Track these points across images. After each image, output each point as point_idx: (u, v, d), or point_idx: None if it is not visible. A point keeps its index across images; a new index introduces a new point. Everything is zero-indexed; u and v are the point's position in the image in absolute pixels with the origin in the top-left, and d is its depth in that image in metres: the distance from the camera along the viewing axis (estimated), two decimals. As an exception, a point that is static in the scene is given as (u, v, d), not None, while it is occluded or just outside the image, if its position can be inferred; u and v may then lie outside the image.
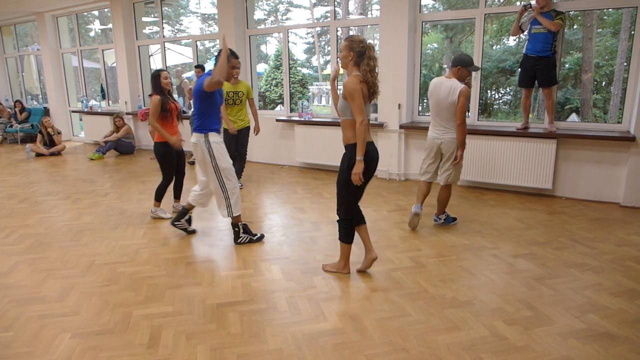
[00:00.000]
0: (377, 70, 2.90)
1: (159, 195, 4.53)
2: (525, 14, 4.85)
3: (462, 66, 3.74)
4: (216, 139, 3.62)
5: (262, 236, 3.88)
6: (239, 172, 5.45)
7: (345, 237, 3.11)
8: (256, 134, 5.60)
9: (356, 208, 3.10)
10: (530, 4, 4.80)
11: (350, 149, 2.91)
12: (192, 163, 6.96)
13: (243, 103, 5.37)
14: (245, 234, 3.80)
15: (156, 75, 4.26)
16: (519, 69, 5.16)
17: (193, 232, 4.07)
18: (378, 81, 2.91)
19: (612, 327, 2.45)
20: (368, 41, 2.88)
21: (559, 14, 4.64)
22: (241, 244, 3.76)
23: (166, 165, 4.43)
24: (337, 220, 3.11)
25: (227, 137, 5.11)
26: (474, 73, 4.52)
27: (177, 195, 4.74)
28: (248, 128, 5.50)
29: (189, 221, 4.03)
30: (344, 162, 2.96)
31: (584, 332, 2.41)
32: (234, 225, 3.78)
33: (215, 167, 3.58)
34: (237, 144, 5.40)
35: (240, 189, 5.10)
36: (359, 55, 2.84)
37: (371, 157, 2.95)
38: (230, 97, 5.22)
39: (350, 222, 3.07)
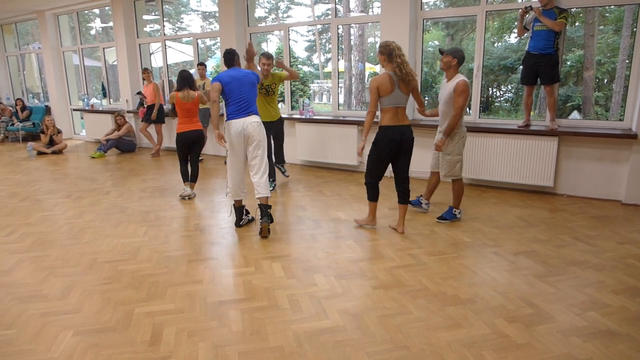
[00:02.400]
0: (405, 64, 3.57)
1: (183, 177, 5.23)
2: (527, 15, 4.82)
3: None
4: None
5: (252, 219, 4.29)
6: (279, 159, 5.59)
7: (370, 196, 3.92)
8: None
9: (397, 181, 3.86)
10: (530, 6, 4.78)
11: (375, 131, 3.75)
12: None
13: (276, 95, 5.26)
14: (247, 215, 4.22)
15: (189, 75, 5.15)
16: (521, 67, 5.14)
17: (252, 219, 4.31)
18: (410, 70, 3.59)
19: (613, 325, 2.45)
20: (393, 43, 3.61)
21: (562, 12, 4.60)
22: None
23: (178, 152, 5.20)
24: (364, 183, 3.93)
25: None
26: (475, 70, 4.73)
27: (193, 179, 5.29)
28: (276, 121, 5.30)
29: (246, 212, 4.25)
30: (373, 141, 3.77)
31: (586, 330, 2.41)
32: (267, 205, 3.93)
33: (267, 145, 4.07)
34: (274, 137, 5.31)
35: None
36: (389, 56, 3.59)
37: (391, 138, 3.66)
38: (263, 89, 5.10)
39: (371, 184, 3.87)
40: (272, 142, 5.28)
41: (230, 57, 4.08)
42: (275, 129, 5.27)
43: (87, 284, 3.04)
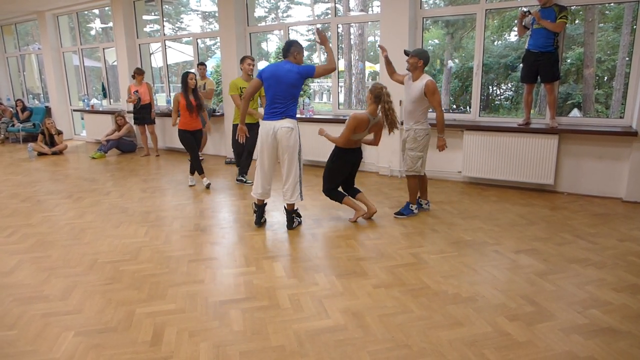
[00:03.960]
0: (392, 111, 3.89)
1: (192, 169, 5.72)
2: (526, 18, 4.81)
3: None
4: None
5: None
6: (246, 168, 5.70)
7: (340, 199, 4.19)
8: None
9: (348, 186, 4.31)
10: (529, 10, 4.78)
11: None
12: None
13: (256, 100, 5.52)
14: (298, 218, 4.18)
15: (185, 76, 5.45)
16: (521, 65, 5.13)
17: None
18: (394, 120, 3.92)
19: (614, 322, 2.45)
20: (384, 89, 3.90)
21: (561, 10, 4.59)
22: (294, 229, 4.06)
23: (186, 146, 5.63)
24: (325, 190, 4.27)
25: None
26: (475, 69, 4.82)
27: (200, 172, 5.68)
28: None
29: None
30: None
31: (587, 328, 2.41)
32: (293, 211, 4.08)
33: (300, 152, 3.93)
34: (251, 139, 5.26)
35: (247, 183, 5.55)
36: (376, 98, 3.91)
37: (350, 160, 4.18)
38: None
39: (332, 189, 4.22)
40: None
41: (285, 48, 3.83)
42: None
43: (88, 285, 3.04)
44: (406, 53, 4.13)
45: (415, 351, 2.23)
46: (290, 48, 3.79)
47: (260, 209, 4.15)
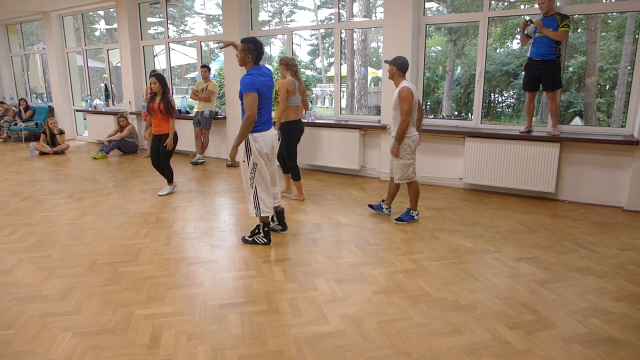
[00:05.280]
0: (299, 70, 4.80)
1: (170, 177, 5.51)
2: (528, 27, 4.83)
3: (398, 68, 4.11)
4: None
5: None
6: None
7: (298, 177, 5.02)
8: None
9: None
10: (531, 19, 4.79)
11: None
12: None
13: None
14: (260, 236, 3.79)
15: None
16: (523, 73, 5.14)
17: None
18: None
19: (615, 332, 2.44)
20: (291, 60, 4.93)
21: (563, 19, 4.61)
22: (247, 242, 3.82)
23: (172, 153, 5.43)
24: (292, 168, 4.99)
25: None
26: (477, 76, 4.82)
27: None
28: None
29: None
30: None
31: (587, 337, 2.40)
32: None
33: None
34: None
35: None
36: (287, 65, 4.87)
37: (298, 128, 5.01)
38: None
39: (294, 168, 4.99)
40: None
41: (262, 52, 3.53)
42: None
43: (87, 285, 3.04)
44: (386, 62, 4.22)
45: (414, 358, 2.22)
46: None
47: (268, 226, 3.79)
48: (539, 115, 10.30)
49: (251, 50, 3.48)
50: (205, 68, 7.40)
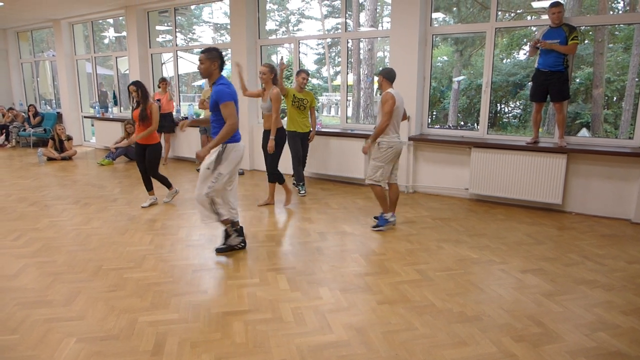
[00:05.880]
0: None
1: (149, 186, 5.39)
2: (537, 44, 4.80)
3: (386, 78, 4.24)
4: None
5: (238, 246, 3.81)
6: (301, 176, 5.82)
7: (281, 180, 5.12)
8: (309, 141, 5.85)
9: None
10: (539, 39, 4.76)
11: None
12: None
13: (307, 110, 5.67)
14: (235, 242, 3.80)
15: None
16: (530, 83, 5.14)
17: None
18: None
19: (622, 346, 2.40)
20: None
21: (572, 31, 4.61)
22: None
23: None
24: (274, 174, 5.08)
25: (293, 140, 5.60)
26: (484, 86, 4.91)
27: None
28: (308, 133, 5.80)
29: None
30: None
31: (594, 351, 2.36)
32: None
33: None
34: (302, 147, 5.76)
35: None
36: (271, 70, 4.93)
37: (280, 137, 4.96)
38: (296, 102, 5.55)
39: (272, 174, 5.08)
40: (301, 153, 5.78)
41: (223, 60, 3.54)
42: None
43: (92, 291, 3.05)
44: (375, 74, 4.33)
45: (419, 370, 2.20)
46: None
47: (241, 228, 3.84)
48: (545, 126, 10.26)
49: (216, 58, 3.47)
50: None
